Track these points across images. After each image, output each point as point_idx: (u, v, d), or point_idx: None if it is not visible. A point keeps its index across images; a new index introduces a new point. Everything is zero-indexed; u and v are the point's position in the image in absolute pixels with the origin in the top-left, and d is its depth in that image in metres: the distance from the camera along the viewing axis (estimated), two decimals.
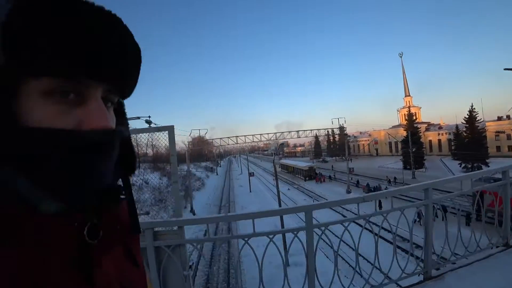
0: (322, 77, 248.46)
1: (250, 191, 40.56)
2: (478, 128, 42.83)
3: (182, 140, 37.04)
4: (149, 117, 11.42)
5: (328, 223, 2.29)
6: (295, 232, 2.20)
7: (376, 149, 77.47)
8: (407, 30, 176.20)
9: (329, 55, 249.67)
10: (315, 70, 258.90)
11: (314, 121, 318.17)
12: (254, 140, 37.70)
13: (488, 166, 39.76)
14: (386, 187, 33.89)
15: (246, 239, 2.10)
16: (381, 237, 2.61)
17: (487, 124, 46.59)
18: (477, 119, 42.77)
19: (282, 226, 16.50)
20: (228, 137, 37.13)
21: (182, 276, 1.88)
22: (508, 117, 46.05)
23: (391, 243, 2.52)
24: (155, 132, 2.38)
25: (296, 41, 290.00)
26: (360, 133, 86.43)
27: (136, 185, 30.46)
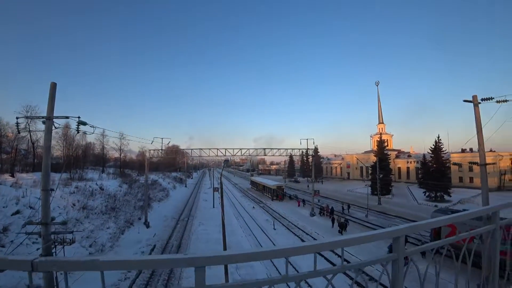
0: (306, 98, 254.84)
1: (214, 207, 38.82)
2: (443, 158, 43.88)
3: (155, 148, 35.16)
4: (79, 117, 9.74)
5: (305, 275, 1.39)
6: None
7: (348, 173, 77.97)
8: (388, 61, 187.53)
9: (319, 77, 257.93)
10: (301, 91, 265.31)
11: (294, 141, 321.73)
12: (226, 154, 36.27)
13: (450, 196, 40.39)
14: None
15: None
16: None
17: (451, 155, 47.93)
18: (442, 150, 43.90)
19: (226, 278, 13.41)
20: (201, 149, 35.54)
21: None
22: (471, 149, 47.64)
23: None
24: None
25: (289, 57, 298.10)
26: (335, 155, 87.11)
27: (89, 190, 27.73)
